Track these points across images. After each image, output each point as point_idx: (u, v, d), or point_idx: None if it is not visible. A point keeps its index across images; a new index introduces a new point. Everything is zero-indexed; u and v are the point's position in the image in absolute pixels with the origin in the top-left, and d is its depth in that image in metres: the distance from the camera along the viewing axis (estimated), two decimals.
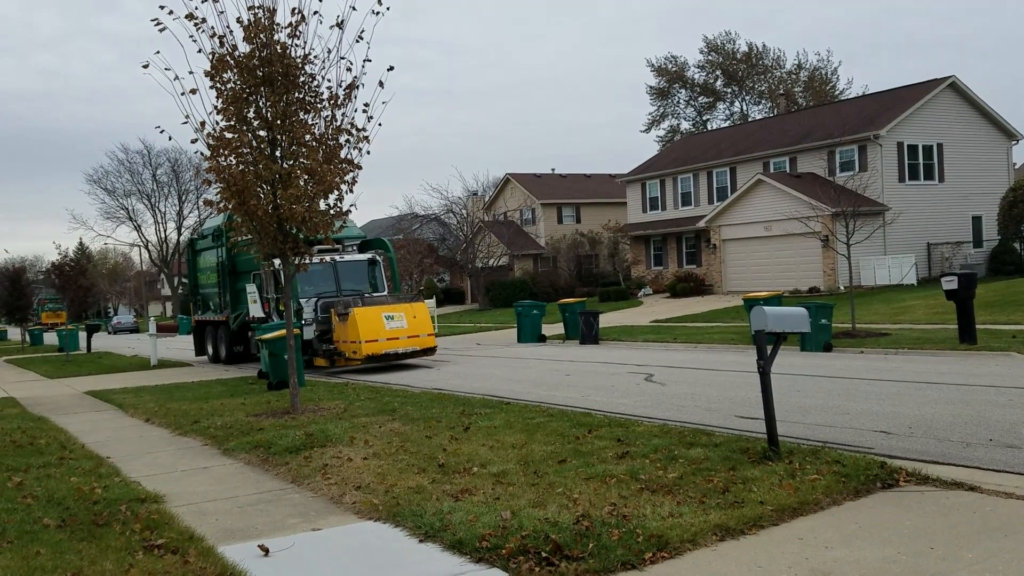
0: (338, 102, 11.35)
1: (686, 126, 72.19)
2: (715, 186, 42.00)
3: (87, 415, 13.84)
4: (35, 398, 17.01)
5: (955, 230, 35.94)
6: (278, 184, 11.13)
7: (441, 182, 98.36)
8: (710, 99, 72.30)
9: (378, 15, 10.76)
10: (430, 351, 19.65)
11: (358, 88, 11.31)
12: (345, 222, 12.28)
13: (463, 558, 5.36)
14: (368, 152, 11.65)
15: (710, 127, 68.46)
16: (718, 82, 71.65)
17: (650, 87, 72.43)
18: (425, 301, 22.62)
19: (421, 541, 5.77)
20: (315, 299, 19.96)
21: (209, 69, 10.94)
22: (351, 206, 11.92)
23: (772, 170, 38.45)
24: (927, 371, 13.30)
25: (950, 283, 16.45)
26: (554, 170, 63.49)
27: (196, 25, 10.73)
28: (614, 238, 49.34)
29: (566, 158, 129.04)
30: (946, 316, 19.76)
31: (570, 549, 5.17)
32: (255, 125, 11.14)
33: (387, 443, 9.00)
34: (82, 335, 37.16)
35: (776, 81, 69.72)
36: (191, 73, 10.89)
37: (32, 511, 6.92)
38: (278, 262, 12.48)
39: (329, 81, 11.36)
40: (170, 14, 10.41)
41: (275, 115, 11.04)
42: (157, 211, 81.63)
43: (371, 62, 11.04)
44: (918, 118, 35.45)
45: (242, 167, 11.12)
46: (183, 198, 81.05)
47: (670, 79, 71.76)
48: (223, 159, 11.13)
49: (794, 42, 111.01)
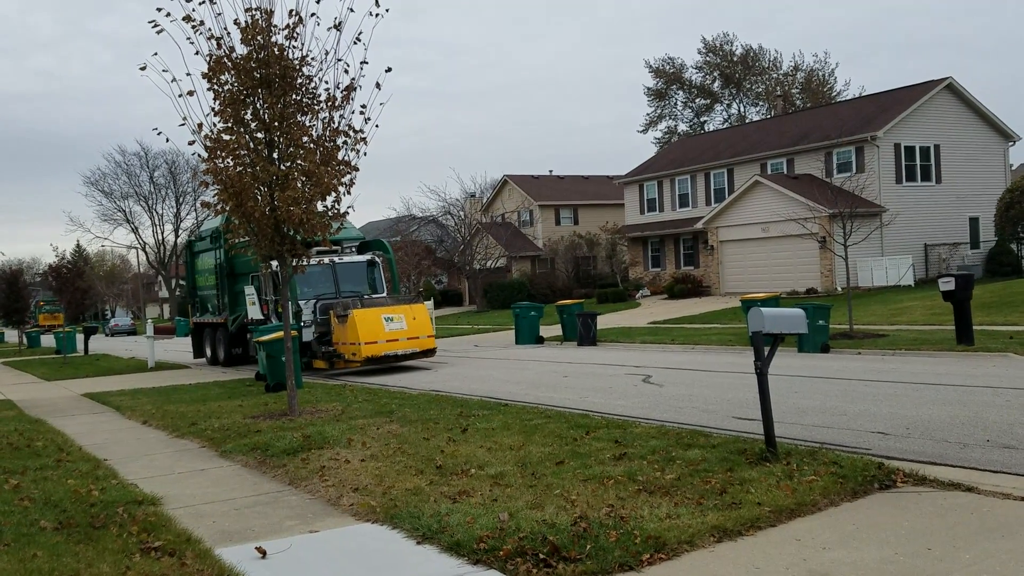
0: (335, 104, 11.35)
1: (683, 128, 72.24)
2: (713, 187, 42.04)
3: (84, 417, 13.82)
4: (32, 400, 16.99)
5: (952, 231, 36.03)
6: (275, 186, 11.12)
7: (439, 184, 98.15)
8: (707, 101, 72.32)
9: (376, 17, 10.80)
10: (430, 353, 19.55)
11: (355, 90, 11.32)
12: (343, 224, 12.27)
13: (461, 560, 5.36)
14: (365, 154, 11.68)
15: (707, 129, 68.49)
16: (715, 84, 71.71)
17: (647, 88, 72.48)
18: (424, 303, 22.59)
19: (419, 543, 5.77)
20: (314, 301, 19.88)
21: (206, 71, 10.94)
22: (348, 208, 11.92)
23: (769, 171, 38.50)
24: (924, 372, 13.31)
25: (947, 284, 16.47)
26: (552, 172, 63.51)
27: (193, 27, 10.73)
28: (612, 240, 49.36)
29: (566, 159, 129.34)
30: (943, 317, 19.79)
31: (568, 551, 5.17)
32: (252, 127, 11.14)
33: (385, 445, 8.99)
34: (79, 337, 37.15)
35: (773, 83, 69.76)
36: (188, 75, 10.93)
37: (29, 513, 6.91)
38: (276, 264, 12.47)
39: (327, 83, 11.38)
40: (167, 16, 10.40)
41: (272, 117, 11.04)
42: (154, 213, 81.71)
43: (368, 64, 11.08)
44: (915, 119, 35.51)
45: (239, 169, 11.11)
46: (180, 200, 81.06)
47: (667, 80, 71.75)
48: (220, 161, 11.12)
49: (794, 42, 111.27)
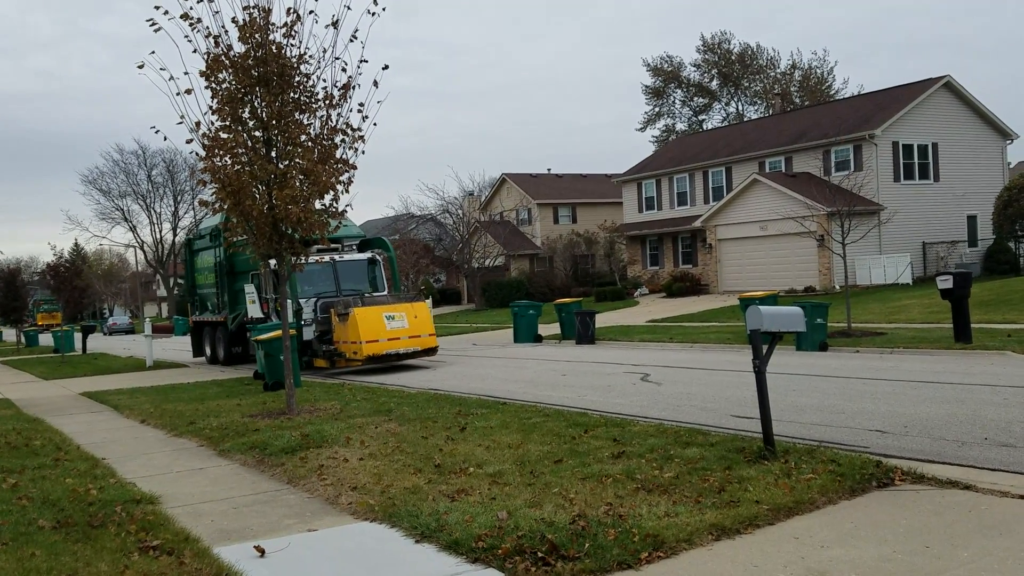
0: (333, 102, 11.35)
1: (681, 126, 72.26)
2: (711, 186, 42.05)
3: (83, 416, 13.80)
4: (30, 399, 16.97)
5: (950, 229, 36.06)
6: (273, 184, 11.11)
7: (438, 182, 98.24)
8: (706, 99, 72.31)
9: (373, 15, 10.79)
10: (431, 351, 19.47)
11: (353, 88, 11.31)
12: (341, 222, 12.27)
13: (459, 558, 5.36)
14: (363, 152, 11.68)
15: (706, 127, 68.48)
16: (713, 82, 71.69)
17: (645, 86, 72.48)
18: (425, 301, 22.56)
19: (417, 542, 5.76)
20: (315, 299, 19.83)
21: (204, 69, 10.93)
22: (347, 206, 11.92)
23: (768, 170, 38.51)
24: (922, 370, 13.32)
25: (945, 282, 16.47)
26: (550, 170, 63.52)
27: (191, 25, 10.72)
28: (610, 238, 49.34)
29: (565, 158, 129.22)
30: (941, 315, 19.80)
31: (566, 549, 5.17)
32: (250, 125, 11.13)
33: (383, 443, 8.99)
34: (77, 336, 37.12)
35: (771, 81, 69.75)
36: (186, 74, 10.90)
37: (27, 512, 6.90)
38: (275, 262, 12.46)
39: (324, 81, 11.38)
40: (165, 14, 10.39)
41: (270, 115, 11.02)
42: (152, 212, 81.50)
43: (367, 62, 11.07)
44: (913, 118, 35.52)
45: (237, 167, 11.11)
46: (179, 199, 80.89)
47: (666, 79, 71.73)
48: (218, 159, 11.12)
49: (794, 42, 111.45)
